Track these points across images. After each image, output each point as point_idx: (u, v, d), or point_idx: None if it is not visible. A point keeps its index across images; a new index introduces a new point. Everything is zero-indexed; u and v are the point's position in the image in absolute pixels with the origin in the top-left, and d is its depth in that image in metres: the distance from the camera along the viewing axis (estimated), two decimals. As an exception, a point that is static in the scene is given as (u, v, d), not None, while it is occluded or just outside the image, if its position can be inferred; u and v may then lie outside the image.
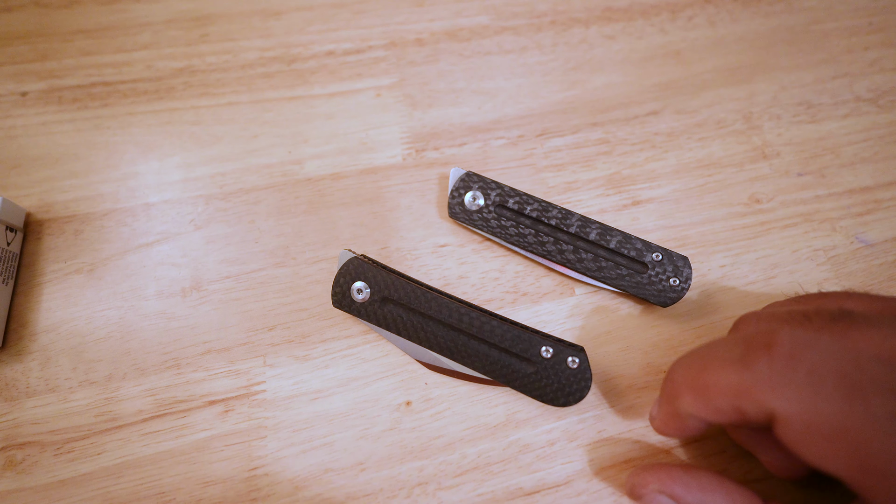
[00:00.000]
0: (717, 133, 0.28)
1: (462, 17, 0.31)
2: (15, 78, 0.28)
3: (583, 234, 0.23)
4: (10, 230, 0.24)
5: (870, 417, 0.13)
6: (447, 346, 0.21)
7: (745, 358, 0.15)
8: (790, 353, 0.14)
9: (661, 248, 0.23)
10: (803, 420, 0.14)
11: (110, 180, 0.26)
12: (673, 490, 0.17)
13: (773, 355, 0.14)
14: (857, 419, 0.13)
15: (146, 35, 0.30)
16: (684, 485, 0.17)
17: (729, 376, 0.15)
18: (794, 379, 0.14)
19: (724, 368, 0.15)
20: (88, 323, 0.23)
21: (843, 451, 0.13)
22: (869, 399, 0.13)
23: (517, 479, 0.20)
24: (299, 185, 0.26)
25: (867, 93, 0.29)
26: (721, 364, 0.16)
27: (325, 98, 0.28)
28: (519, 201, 0.24)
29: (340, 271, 0.22)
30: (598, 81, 0.29)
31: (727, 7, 0.32)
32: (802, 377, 0.14)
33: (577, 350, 0.21)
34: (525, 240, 0.24)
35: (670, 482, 0.17)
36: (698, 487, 0.17)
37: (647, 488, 0.18)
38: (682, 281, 0.22)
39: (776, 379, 0.14)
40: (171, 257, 0.24)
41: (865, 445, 0.13)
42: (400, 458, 0.21)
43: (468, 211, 0.24)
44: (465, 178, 0.25)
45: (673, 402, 0.17)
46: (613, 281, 0.23)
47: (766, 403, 0.14)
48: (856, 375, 0.14)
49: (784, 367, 0.14)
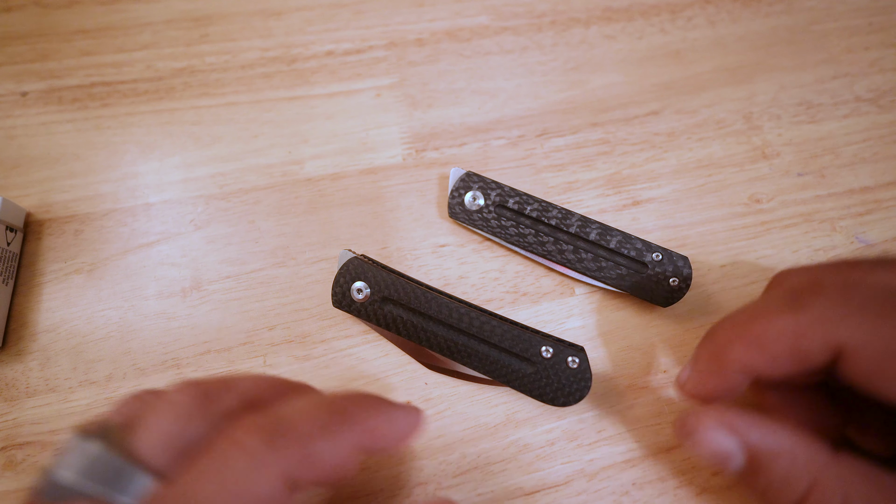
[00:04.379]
0: (717, 133, 0.28)
1: (462, 17, 0.31)
2: (15, 78, 0.28)
3: (583, 234, 0.23)
4: (10, 230, 0.24)
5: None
6: (447, 346, 0.21)
7: (796, 303, 0.15)
8: (844, 287, 0.14)
9: (661, 248, 0.23)
10: (875, 346, 0.13)
11: (110, 180, 0.26)
12: (732, 421, 0.16)
13: (826, 293, 0.14)
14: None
15: (146, 35, 0.30)
16: (744, 418, 0.16)
17: (784, 320, 0.15)
18: (858, 307, 0.14)
19: (777, 315, 0.15)
20: (88, 323, 0.23)
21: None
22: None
23: (517, 479, 0.20)
24: (299, 185, 0.26)
25: (867, 93, 0.29)
26: (772, 312, 0.15)
27: (325, 98, 0.28)
28: (519, 201, 0.24)
29: (340, 271, 0.22)
30: (598, 81, 0.29)
31: (727, 7, 0.32)
32: (866, 304, 0.14)
33: (577, 350, 0.21)
34: (525, 240, 0.24)
35: (731, 416, 0.16)
36: (760, 421, 0.16)
37: (701, 422, 0.16)
38: (682, 281, 0.22)
39: (838, 311, 0.14)
40: (171, 257, 0.24)
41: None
42: (400, 458, 0.21)
43: (468, 211, 0.24)
44: (465, 178, 0.25)
45: (719, 357, 0.16)
46: (613, 281, 0.23)
47: (831, 337, 0.14)
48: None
49: (842, 299, 0.14)
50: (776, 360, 0.15)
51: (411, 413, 0.16)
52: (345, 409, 0.15)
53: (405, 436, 0.16)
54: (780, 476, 0.15)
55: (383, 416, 0.15)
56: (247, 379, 0.16)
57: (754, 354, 0.15)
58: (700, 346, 0.18)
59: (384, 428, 0.15)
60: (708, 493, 0.20)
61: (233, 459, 0.12)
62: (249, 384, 0.15)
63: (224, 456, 0.12)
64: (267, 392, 0.15)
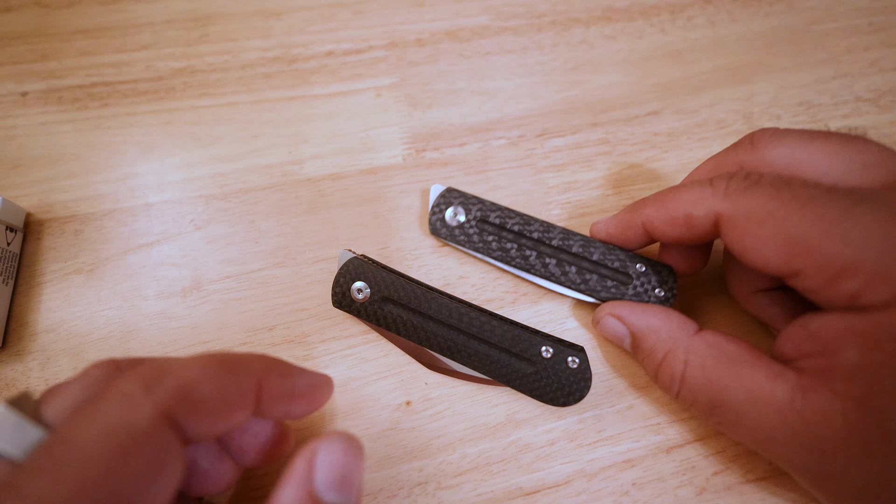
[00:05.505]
0: (717, 133, 0.28)
1: (462, 17, 0.31)
2: (15, 78, 0.28)
3: (566, 247, 0.23)
4: (10, 230, 0.24)
5: (792, 197, 0.16)
6: (447, 346, 0.21)
7: (709, 182, 0.19)
8: (746, 176, 0.18)
9: (644, 258, 0.22)
10: (739, 214, 0.17)
11: (110, 180, 0.26)
12: (619, 311, 0.21)
13: (732, 179, 0.18)
14: (782, 202, 0.16)
15: (146, 35, 0.30)
16: (629, 308, 0.21)
17: (690, 192, 0.19)
18: (739, 190, 0.18)
19: (689, 189, 0.19)
20: (88, 323, 0.23)
21: (773, 232, 0.16)
22: (793, 187, 0.17)
23: (517, 479, 0.20)
24: (299, 185, 0.26)
25: (867, 93, 0.29)
26: (688, 187, 0.19)
27: (326, 98, 0.28)
28: (500, 216, 0.24)
29: (340, 271, 0.22)
30: (598, 81, 0.29)
31: (727, 7, 0.32)
32: (749, 188, 0.17)
33: (577, 350, 0.21)
34: (508, 254, 0.23)
35: (618, 306, 0.21)
36: (641, 310, 0.21)
37: (601, 313, 0.22)
38: (667, 291, 0.22)
39: (727, 191, 0.18)
40: (171, 257, 0.24)
41: (789, 221, 0.16)
42: (400, 458, 0.21)
43: (450, 227, 0.24)
44: (445, 194, 0.24)
45: (634, 209, 0.21)
46: (599, 294, 0.22)
47: (711, 208, 0.18)
48: (784, 180, 0.17)
49: (741, 185, 0.18)
50: (672, 222, 0.19)
51: (315, 377, 0.17)
52: (237, 361, 0.15)
53: (304, 396, 0.17)
54: (647, 348, 0.20)
55: (279, 371, 0.16)
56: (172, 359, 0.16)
57: (658, 212, 0.20)
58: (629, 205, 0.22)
59: (277, 382, 0.16)
60: (708, 492, 0.20)
61: (109, 402, 0.13)
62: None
63: (102, 400, 0.13)
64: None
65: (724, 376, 0.18)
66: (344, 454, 0.14)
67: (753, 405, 0.17)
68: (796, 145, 0.19)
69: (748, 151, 0.20)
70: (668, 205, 0.20)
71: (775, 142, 0.19)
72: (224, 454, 0.17)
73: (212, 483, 0.17)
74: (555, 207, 0.26)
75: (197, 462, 0.17)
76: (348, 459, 0.14)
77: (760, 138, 0.20)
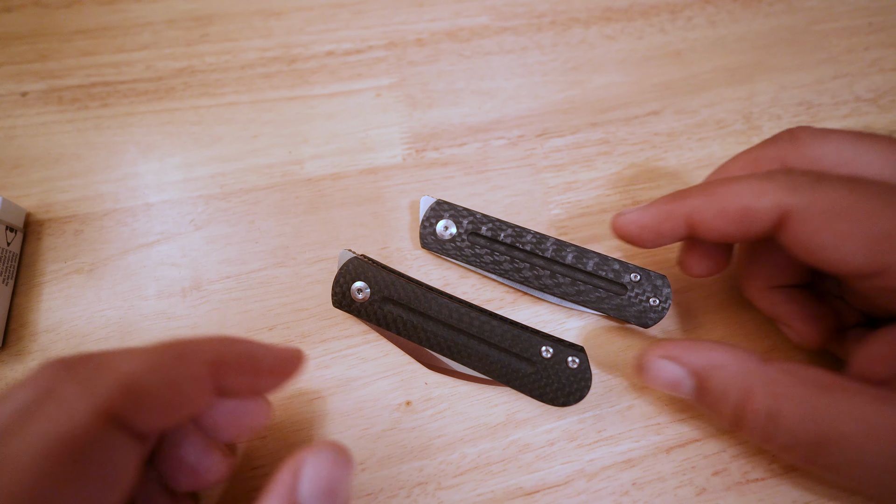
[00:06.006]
0: (717, 133, 0.28)
1: (462, 17, 0.31)
2: (15, 78, 0.28)
3: (559, 258, 0.23)
4: (10, 230, 0.24)
5: (872, 194, 0.15)
6: (447, 346, 0.21)
7: (767, 175, 0.17)
8: (809, 172, 0.17)
9: (638, 268, 0.22)
10: (815, 209, 0.16)
11: (110, 180, 0.26)
12: (671, 351, 0.18)
13: (795, 174, 0.17)
14: (862, 197, 0.15)
15: (146, 35, 0.30)
16: (680, 346, 0.18)
17: (750, 182, 0.17)
18: (809, 185, 0.16)
19: (745, 181, 0.17)
20: (88, 323, 0.23)
21: (851, 227, 0.15)
22: (869, 183, 0.15)
23: (517, 479, 0.20)
24: (299, 185, 0.26)
25: (867, 93, 0.29)
26: (742, 179, 0.18)
27: (325, 98, 0.28)
28: (492, 228, 0.23)
29: (340, 271, 0.22)
30: (598, 81, 0.29)
31: (727, 7, 0.32)
32: (817, 182, 0.16)
33: (577, 350, 0.21)
34: (501, 267, 0.23)
35: (668, 346, 0.18)
36: (695, 346, 0.18)
37: (648, 357, 0.19)
38: (661, 301, 0.22)
39: (794, 185, 0.16)
40: (171, 257, 0.24)
41: (874, 216, 0.15)
42: (400, 458, 0.21)
43: (441, 240, 0.24)
44: (435, 206, 0.24)
45: (676, 200, 0.19)
46: (593, 304, 0.22)
47: (781, 201, 0.16)
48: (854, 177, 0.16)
49: (805, 181, 0.16)
50: (724, 215, 0.17)
51: (280, 351, 0.17)
52: (185, 346, 0.15)
53: (270, 371, 0.16)
54: (718, 388, 0.17)
55: (237, 351, 0.16)
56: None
57: (709, 204, 0.18)
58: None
59: (237, 362, 0.15)
60: (708, 492, 0.20)
61: (44, 408, 0.12)
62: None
63: (39, 407, 0.13)
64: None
65: (824, 407, 0.15)
66: (331, 466, 0.14)
67: (867, 437, 0.15)
68: (844, 143, 0.18)
69: (790, 148, 0.19)
70: (722, 197, 0.17)
71: (820, 139, 0.18)
72: (211, 447, 0.17)
73: (201, 477, 0.17)
74: (555, 207, 0.26)
75: (183, 457, 0.16)
76: (335, 471, 0.14)
77: (801, 134, 0.19)
